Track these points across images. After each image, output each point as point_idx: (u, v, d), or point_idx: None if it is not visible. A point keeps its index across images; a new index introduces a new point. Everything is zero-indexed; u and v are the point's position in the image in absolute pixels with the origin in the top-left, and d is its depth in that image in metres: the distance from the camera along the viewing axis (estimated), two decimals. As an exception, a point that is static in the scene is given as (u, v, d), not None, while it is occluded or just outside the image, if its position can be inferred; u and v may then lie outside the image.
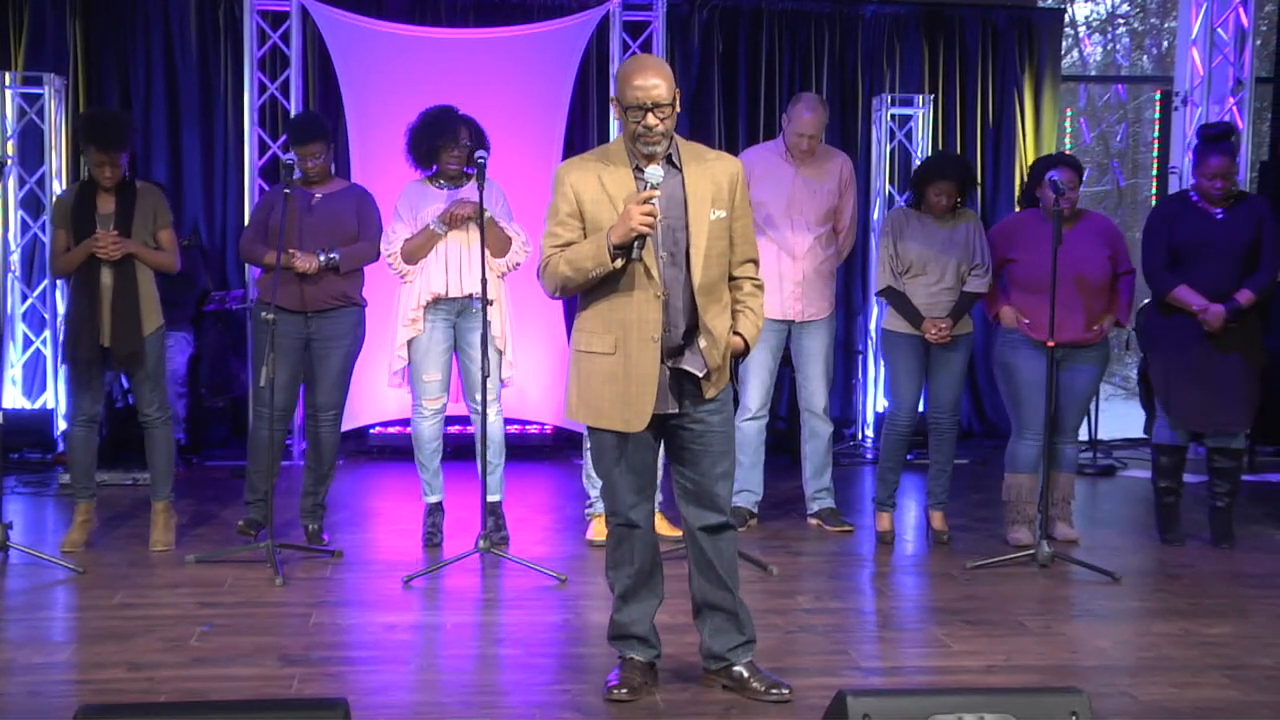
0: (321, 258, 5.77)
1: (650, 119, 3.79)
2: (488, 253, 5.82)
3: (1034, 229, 5.98)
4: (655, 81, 3.79)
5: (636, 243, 3.76)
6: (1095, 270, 5.94)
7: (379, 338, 6.50)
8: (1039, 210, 6.03)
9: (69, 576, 5.41)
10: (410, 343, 5.93)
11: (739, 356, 4.04)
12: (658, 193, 3.76)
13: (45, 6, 8.76)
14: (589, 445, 5.98)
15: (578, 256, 3.82)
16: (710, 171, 3.91)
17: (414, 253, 5.86)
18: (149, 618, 4.82)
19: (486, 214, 5.75)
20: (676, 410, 3.94)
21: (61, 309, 8.02)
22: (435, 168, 5.96)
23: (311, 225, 5.83)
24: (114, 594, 5.16)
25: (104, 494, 6.59)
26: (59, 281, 7.91)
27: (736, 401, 5.69)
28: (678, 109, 3.87)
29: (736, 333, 3.99)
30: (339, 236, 5.86)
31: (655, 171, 3.78)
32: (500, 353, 5.97)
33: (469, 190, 5.84)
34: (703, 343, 3.90)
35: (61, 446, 7.90)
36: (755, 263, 4.06)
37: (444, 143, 5.86)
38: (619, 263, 3.78)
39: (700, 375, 3.91)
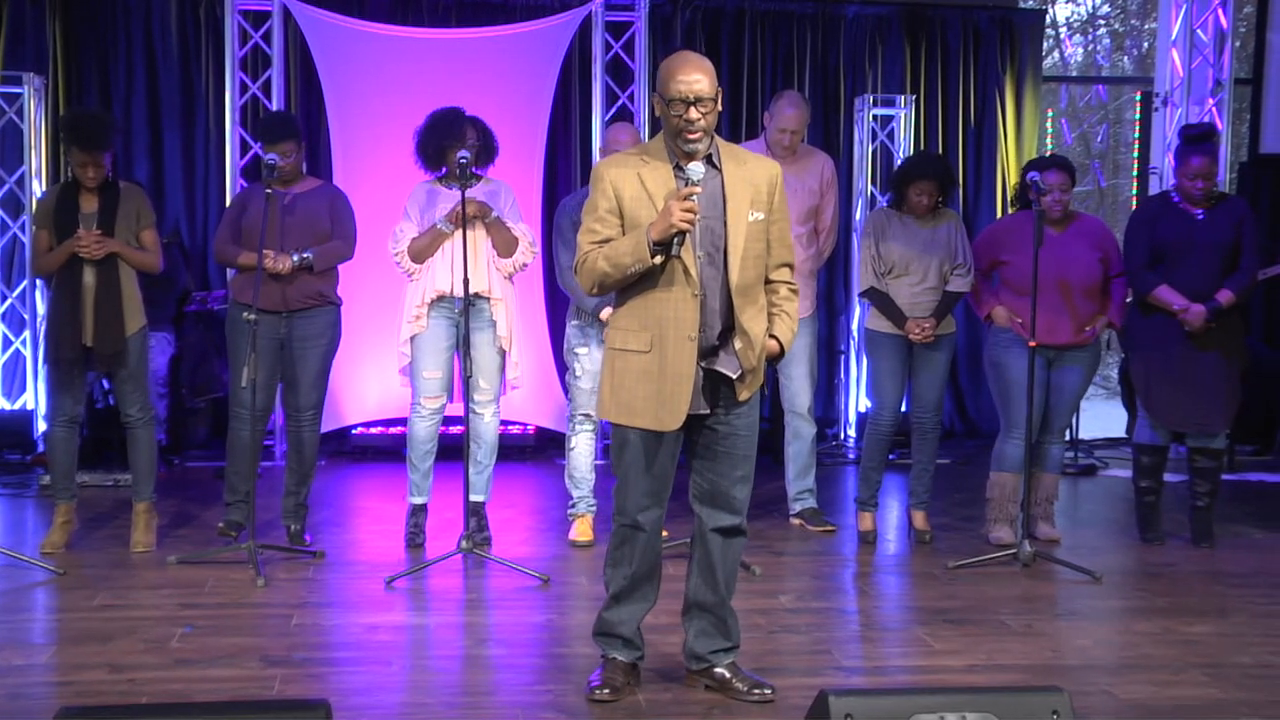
0: (295, 257, 5.76)
1: (692, 113, 3.79)
2: (494, 253, 5.84)
3: (1024, 231, 5.98)
4: (698, 76, 3.79)
5: (676, 239, 3.75)
6: (1083, 273, 5.96)
7: (368, 338, 6.50)
8: (1032, 212, 6.04)
9: (49, 578, 5.39)
10: (413, 340, 5.94)
11: (773, 360, 4.04)
12: (699, 189, 3.77)
13: (24, 5, 8.71)
14: (571, 445, 6.07)
15: (616, 253, 3.82)
16: (749, 173, 3.91)
17: (421, 251, 5.87)
18: (130, 619, 4.80)
19: (493, 214, 5.78)
20: (708, 411, 3.94)
21: (41, 309, 8.00)
22: (444, 169, 5.96)
23: (285, 225, 5.81)
24: (95, 595, 5.13)
25: (84, 495, 6.57)
26: (39, 282, 7.88)
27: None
28: (720, 106, 3.87)
29: (772, 335, 3.99)
30: (312, 236, 5.85)
31: (697, 168, 3.79)
32: (504, 353, 5.97)
33: (477, 190, 5.84)
34: (738, 344, 3.90)
35: (41, 447, 7.86)
36: (791, 266, 4.06)
37: (451, 144, 5.86)
38: (658, 259, 3.78)
39: (734, 377, 3.91)
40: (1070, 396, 6.12)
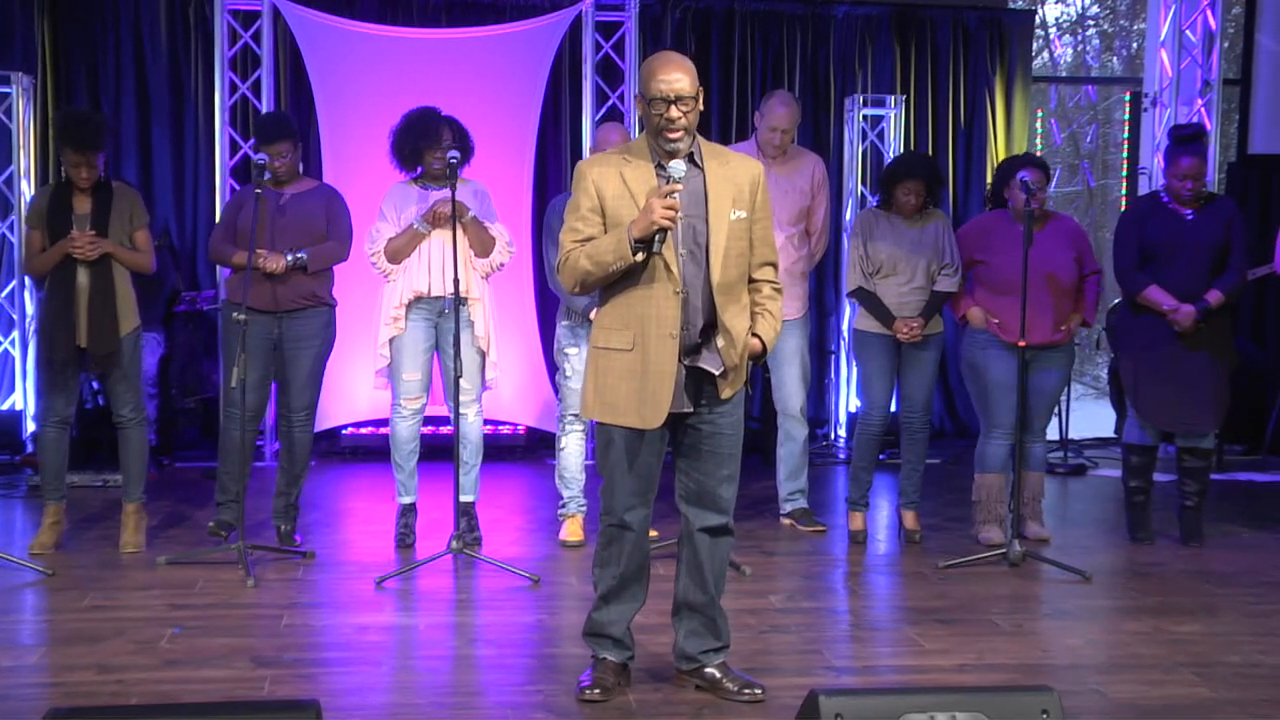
0: (289, 257, 5.75)
1: (673, 111, 3.80)
2: (471, 253, 5.83)
3: (1003, 230, 6.01)
4: (678, 75, 3.81)
5: (657, 237, 3.77)
6: (1063, 271, 5.98)
7: (357, 338, 6.48)
8: (1007, 211, 6.06)
9: (38, 579, 5.38)
10: (391, 341, 5.93)
11: (756, 358, 4.05)
12: (680, 187, 3.78)
13: (13, 4, 8.68)
14: (561, 446, 6.07)
15: (598, 251, 3.83)
16: (732, 172, 3.93)
17: (398, 252, 5.86)
18: (119, 620, 4.79)
19: (470, 214, 5.76)
20: (691, 409, 3.94)
21: (31, 310, 7.98)
22: (420, 169, 5.96)
23: (281, 225, 5.81)
24: (84, 596, 5.12)
25: (74, 495, 6.54)
26: (28, 282, 7.86)
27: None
28: (701, 106, 3.88)
29: (754, 334, 4.00)
30: (308, 236, 5.85)
31: (678, 166, 3.80)
32: (483, 354, 5.97)
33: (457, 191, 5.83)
34: (720, 342, 3.90)
35: (30, 448, 7.84)
36: (774, 266, 4.07)
37: (427, 144, 5.86)
38: (639, 256, 3.79)
39: (717, 374, 3.92)
40: (1048, 396, 6.14)
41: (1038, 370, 6.01)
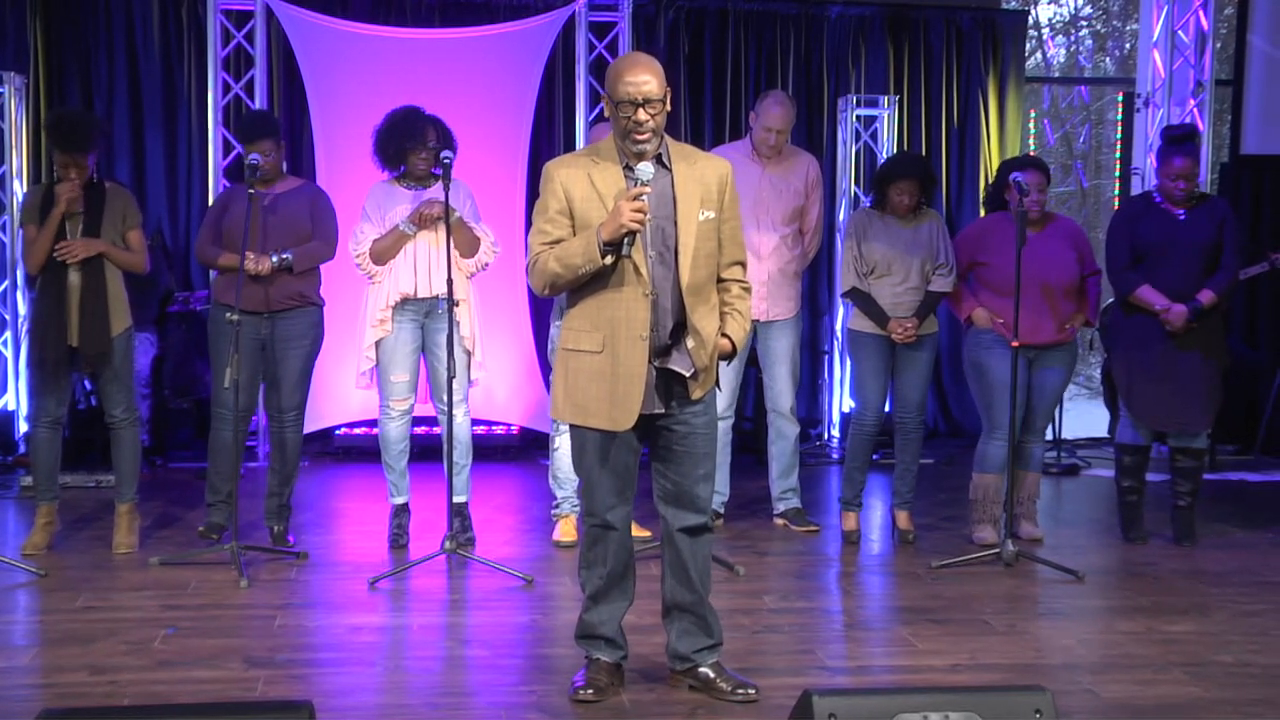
0: (274, 258, 5.74)
1: (641, 114, 3.80)
2: (456, 253, 5.82)
3: (1003, 232, 6.00)
4: (646, 77, 3.81)
5: (626, 239, 3.77)
6: (1063, 273, 5.98)
7: (345, 338, 6.48)
8: (1007, 213, 6.06)
9: (30, 579, 5.37)
10: (378, 343, 5.91)
11: (726, 358, 4.05)
12: (648, 189, 3.77)
13: (5, 4, 8.67)
14: (555, 446, 6.07)
15: (567, 253, 3.83)
16: (700, 172, 3.93)
17: (383, 253, 5.84)
18: (112, 621, 4.79)
19: (455, 214, 5.74)
20: (663, 410, 3.94)
21: (23, 310, 7.97)
22: (403, 168, 5.94)
23: (268, 225, 5.79)
24: (76, 597, 5.11)
25: (66, 496, 6.53)
26: (20, 282, 7.85)
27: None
28: (668, 107, 3.88)
29: (724, 334, 4.00)
30: (293, 236, 5.83)
31: (646, 168, 3.79)
32: (469, 353, 5.96)
33: (436, 190, 5.83)
34: (690, 343, 3.90)
35: (22, 448, 7.83)
36: (743, 265, 4.08)
37: (413, 144, 5.85)
38: (609, 259, 3.79)
39: (687, 375, 3.92)
40: (1050, 396, 6.14)
41: (1041, 369, 6.02)
